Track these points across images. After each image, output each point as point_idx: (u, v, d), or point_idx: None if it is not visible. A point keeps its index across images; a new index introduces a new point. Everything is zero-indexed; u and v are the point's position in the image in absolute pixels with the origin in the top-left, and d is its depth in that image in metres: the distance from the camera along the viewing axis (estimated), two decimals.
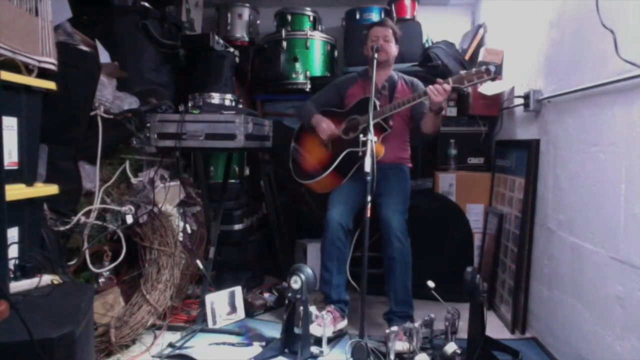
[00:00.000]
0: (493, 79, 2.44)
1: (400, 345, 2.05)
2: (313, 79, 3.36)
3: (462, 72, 2.27)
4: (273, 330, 2.38)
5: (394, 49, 2.57)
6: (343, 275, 2.39)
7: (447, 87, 2.21)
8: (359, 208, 2.39)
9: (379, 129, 2.40)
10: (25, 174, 1.80)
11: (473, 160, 3.16)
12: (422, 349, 2.06)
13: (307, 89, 3.37)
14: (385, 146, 2.42)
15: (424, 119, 2.43)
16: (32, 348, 1.15)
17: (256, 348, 2.19)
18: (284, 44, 3.37)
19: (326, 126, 2.52)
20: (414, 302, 2.36)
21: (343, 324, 2.37)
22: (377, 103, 2.41)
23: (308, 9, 3.52)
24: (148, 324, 2.19)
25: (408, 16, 3.47)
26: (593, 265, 1.81)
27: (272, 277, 3.19)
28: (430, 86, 2.26)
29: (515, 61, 2.84)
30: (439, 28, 3.63)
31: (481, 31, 3.34)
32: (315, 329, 2.15)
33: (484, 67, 2.21)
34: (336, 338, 2.28)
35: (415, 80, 2.64)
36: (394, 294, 2.32)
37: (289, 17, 3.47)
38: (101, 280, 2.32)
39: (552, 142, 2.24)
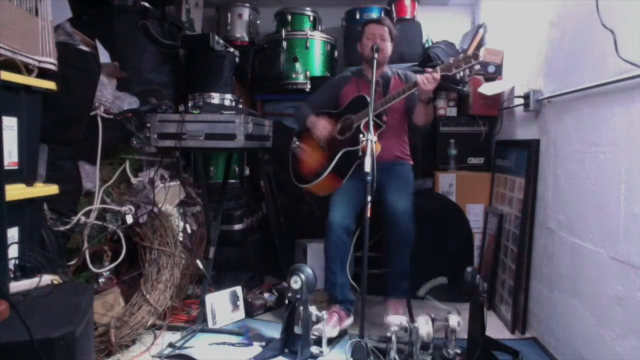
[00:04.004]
0: (481, 66, 2.45)
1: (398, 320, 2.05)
2: (313, 79, 3.36)
3: (450, 59, 2.28)
4: (273, 330, 2.38)
5: (389, 48, 2.56)
6: (346, 274, 2.39)
7: (436, 75, 2.23)
8: (360, 208, 2.39)
9: (374, 126, 2.39)
10: (25, 174, 1.80)
11: (473, 160, 3.16)
12: (423, 349, 2.06)
13: (307, 89, 3.36)
14: (382, 143, 2.41)
15: (415, 111, 2.45)
16: (32, 348, 1.15)
17: (256, 348, 2.19)
18: (284, 44, 3.37)
19: (323, 127, 2.52)
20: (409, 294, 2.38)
21: (349, 321, 2.38)
22: (368, 99, 2.40)
23: (308, 9, 3.52)
24: (148, 324, 2.19)
25: (408, 16, 3.47)
26: (593, 265, 1.81)
27: (272, 277, 3.18)
28: (419, 75, 2.28)
29: (515, 61, 2.84)
30: (439, 28, 3.63)
31: (481, 31, 3.34)
32: (320, 329, 2.16)
33: (471, 53, 2.22)
34: (336, 338, 2.28)
35: (409, 73, 2.65)
36: (392, 268, 2.37)
37: (289, 17, 3.47)
38: (101, 280, 2.32)
39: (552, 142, 2.24)
